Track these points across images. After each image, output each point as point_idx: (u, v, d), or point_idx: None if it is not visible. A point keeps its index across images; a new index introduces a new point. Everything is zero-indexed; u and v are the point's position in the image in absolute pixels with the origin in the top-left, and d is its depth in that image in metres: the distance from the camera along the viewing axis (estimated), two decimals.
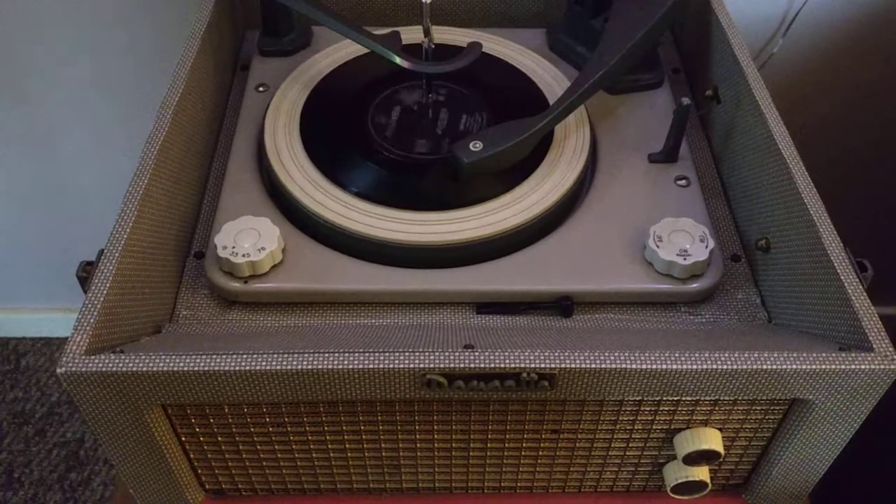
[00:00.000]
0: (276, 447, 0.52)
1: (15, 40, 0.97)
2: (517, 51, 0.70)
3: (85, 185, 1.18)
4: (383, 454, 0.53)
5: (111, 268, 0.48)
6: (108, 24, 0.95)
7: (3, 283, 1.38)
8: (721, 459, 0.51)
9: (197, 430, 0.50)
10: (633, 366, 0.44)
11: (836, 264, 0.48)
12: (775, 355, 0.45)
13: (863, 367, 0.44)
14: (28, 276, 1.36)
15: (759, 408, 0.49)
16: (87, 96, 1.04)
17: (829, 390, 0.46)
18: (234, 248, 0.54)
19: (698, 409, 0.49)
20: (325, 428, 0.50)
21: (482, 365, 0.44)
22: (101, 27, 0.95)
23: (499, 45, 0.70)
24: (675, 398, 0.48)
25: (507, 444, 0.52)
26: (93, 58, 0.99)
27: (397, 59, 0.60)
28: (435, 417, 0.50)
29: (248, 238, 0.54)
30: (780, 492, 0.55)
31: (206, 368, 0.44)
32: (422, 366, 0.44)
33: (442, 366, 0.44)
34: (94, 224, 1.25)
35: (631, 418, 0.50)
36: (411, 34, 0.67)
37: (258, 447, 0.52)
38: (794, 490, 0.54)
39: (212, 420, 0.49)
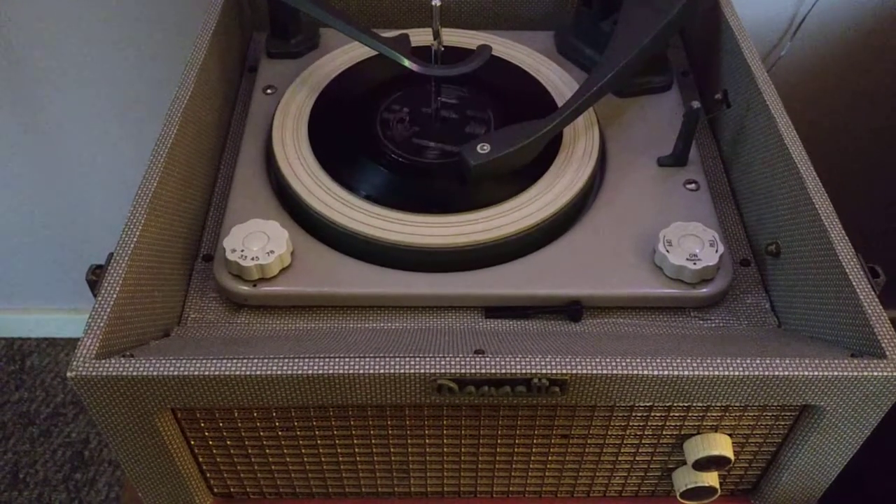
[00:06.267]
0: (285, 451, 0.52)
1: (20, 44, 0.97)
2: (526, 53, 0.70)
3: (90, 186, 1.18)
4: (392, 458, 0.53)
5: (121, 271, 0.48)
6: (114, 27, 0.95)
7: (9, 283, 1.38)
8: (731, 465, 0.51)
9: (206, 433, 0.50)
10: (645, 372, 0.44)
11: (847, 270, 0.48)
12: (787, 362, 0.45)
13: (875, 373, 0.44)
14: (33, 276, 1.36)
15: (769, 414, 0.49)
16: (93, 96, 1.04)
17: (840, 397, 0.46)
18: (242, 251, 0.54)
19: (709, 414, 0.49)
20: (335, 432, 0.50)
21: (493, 371, 0.44)
22: (107, 29, 0.95)
23: (507, 47, 0.70)
24: (686, 404, 0.48)
25: (516, 449, 0.52)
26: (98, 59, 0.99)
27: (406, 62, 0.60)
28: (445, 422, 0.50)
29: (257, 241, 0.54)
30: (790, 498, 0.55)
31: (216, 373, 0.44)
32: (433, 371, 0.44)
33: (453, 371, 0.44)
34: (99, 224, 1.25)
35: (641, 424, 0.50)
36: (419, 36, 0.67)
37: (267, 451, 0.52)
38: (804, 496, 0.54)
39: (221, 424, 0.49)
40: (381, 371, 0.44)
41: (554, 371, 0.44)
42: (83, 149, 1.12)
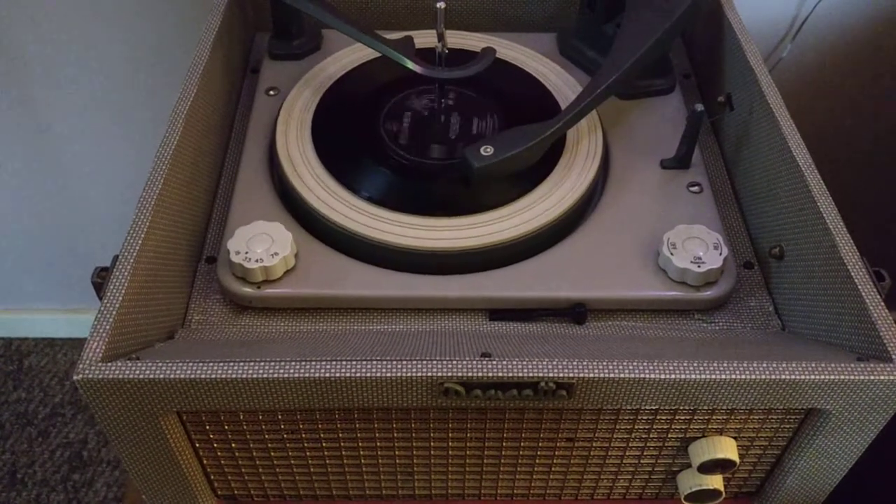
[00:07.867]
0: (290, 453, 0.52)
1: (20, 45, 0.97)
2: (529, 55, 0.70)
3: (88, 186, 1.18)
4: (397, 461, 0.53)
5: (126, 274, 0.48)
6: (115, 27, 0.95)
7: (7, 283, 1.37)
8: (735, 468, 0.51)
9: (211, 436, 0.50)
10: (652, 375, 0.44)
11: (852, 273, 0.48)
12: (793, 365, 0.45)
13: (882, 377, 0.44)
14: (31, 276, 1.36)
15: (774, 417, 0.49)
16: (93, 97, 1.03)
17: (846, 400, 0.46)
18: (246, 253, 0.54)
19: (714, 417, 0.49)
20: (340, 434, 0.50)
21: (500, 374, 0.44)
22: (108, 30, 0.95)
23: (510, 49, 0.70)
24: (692, 407, 0.48)
25: (521, 452, 0.52)
26: (98, 59, 0.99)
27: (410, 64, 0.60)
28: (450, 425, 0.50)
29: (261, 243, 0.54)
30: (794, 501, 0.55)
31: (222, 376, 0.44)
32: (439, 374, 0.44)
33: (460, 374, 0.44)
34: (99, 225, 1.24)
35: (646, 427, 0.50)
36: (423, 38, 0.67)
37: (272, 453, 0.52)
38: (808, 499, 0.54)
39: (226, 426, 0.49)
40: (388, 374, 0.44)
41: (561, 374, 0.44)
42: (83, 149, 1.11)
